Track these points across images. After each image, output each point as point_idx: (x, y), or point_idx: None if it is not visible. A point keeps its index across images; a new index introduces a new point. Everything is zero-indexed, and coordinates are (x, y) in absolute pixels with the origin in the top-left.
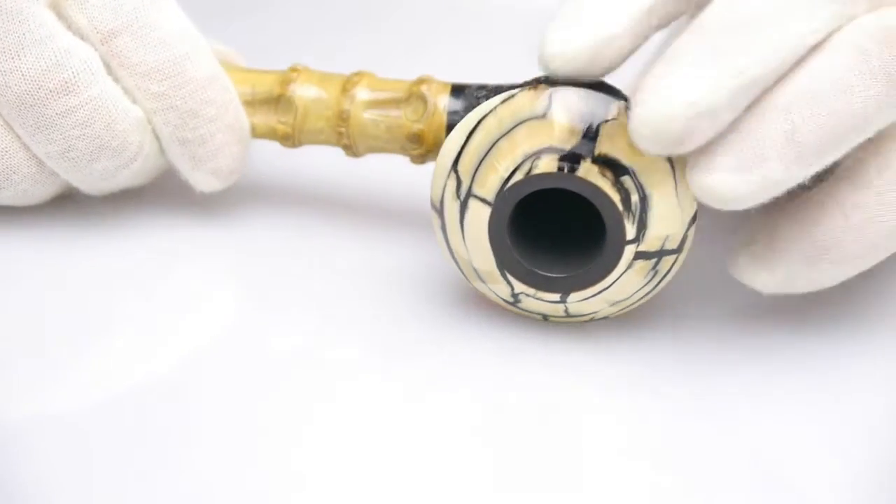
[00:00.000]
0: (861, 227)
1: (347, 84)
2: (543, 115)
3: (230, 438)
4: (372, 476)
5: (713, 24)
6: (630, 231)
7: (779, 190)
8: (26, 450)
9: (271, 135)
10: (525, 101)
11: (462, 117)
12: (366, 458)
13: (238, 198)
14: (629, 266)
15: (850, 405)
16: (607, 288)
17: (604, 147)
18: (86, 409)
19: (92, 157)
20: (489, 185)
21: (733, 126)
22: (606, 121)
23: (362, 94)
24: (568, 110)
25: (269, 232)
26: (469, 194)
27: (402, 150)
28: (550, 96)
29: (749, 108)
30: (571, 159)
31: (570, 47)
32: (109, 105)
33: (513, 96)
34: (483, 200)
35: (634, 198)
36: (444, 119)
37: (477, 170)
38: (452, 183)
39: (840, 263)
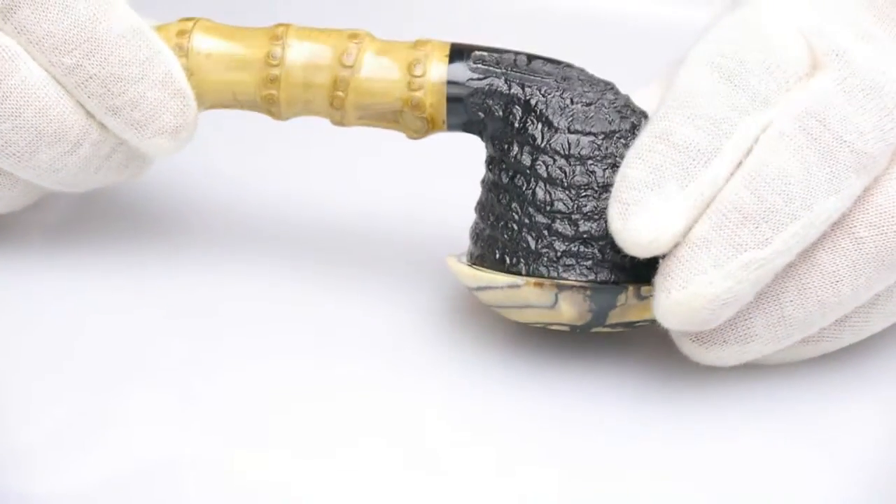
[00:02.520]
0: None
1: (334, 91)
2: (552, 307)
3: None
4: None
5: (736, 209)
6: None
7: (762, 355)
8: None
9: None
10: (531, 294)
11: (465, 89)
12: (372, 472)
13: (238, 233)
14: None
15: (850, 426)
16: None
17: (614, 320)
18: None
19: (31, 147)
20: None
21: None
22: (615, 307)
23: (352, 105)
24: (576, 306)
25: (269, 258)
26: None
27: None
28: (557, 295)
29: None
30: (584, 330)
31: (659, 243)
32: (37, 90)
33: (518, 286)
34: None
35: (647, 323)
36: (444, 126)
37: (492, 306)
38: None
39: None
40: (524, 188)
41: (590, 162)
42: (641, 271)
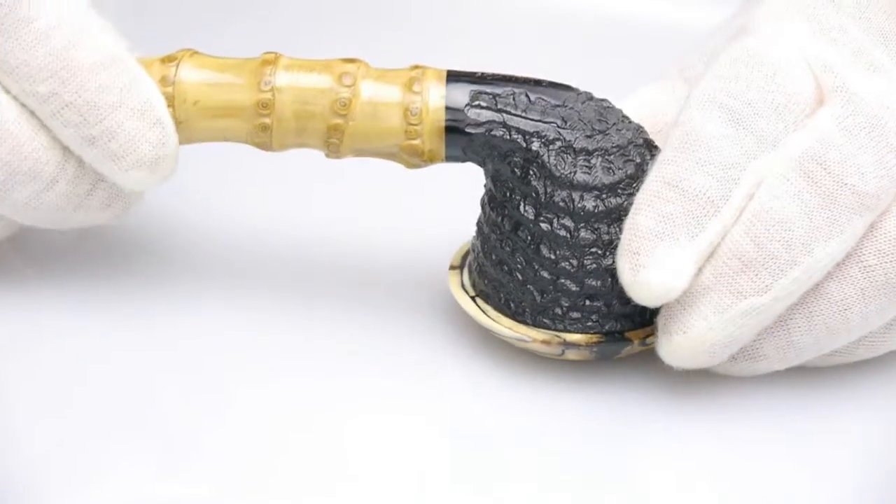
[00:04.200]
0: None
1: (329, 139)
2: (559, 356)
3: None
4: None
5: (736, 256)
6: None
7: (772, 370)
8: None
9: None
10: (538, 347)
11: (463, 134)
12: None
13: (240, 259)
14: None
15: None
16: None
17: (618, 357)
18: None
19: (6, 186)
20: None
21: None
22: (619, 354)
23: (348, 148)
24: (581, 356)
25: (270, 273)
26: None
27: None
28: (564, 350)
29: None
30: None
31: (670, 295)
32: (10, 127)
33: (525, 342)
34: None
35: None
36: (443, 158)
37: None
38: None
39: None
40: (528, 241)
41: (593, 220)
42: (647, 317)
